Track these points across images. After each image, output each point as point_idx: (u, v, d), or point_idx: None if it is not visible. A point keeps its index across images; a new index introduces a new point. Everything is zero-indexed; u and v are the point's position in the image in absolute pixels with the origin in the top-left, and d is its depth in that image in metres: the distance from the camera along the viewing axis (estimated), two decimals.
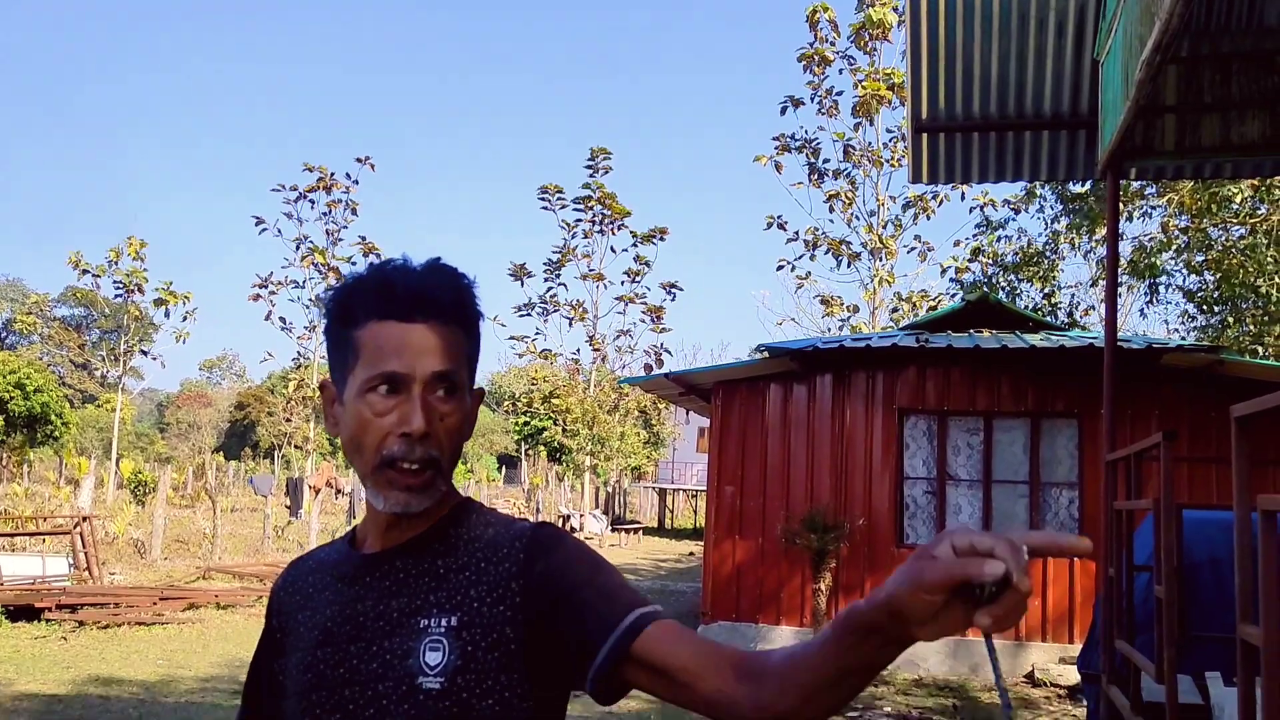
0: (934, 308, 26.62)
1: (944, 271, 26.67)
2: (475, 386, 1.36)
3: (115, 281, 36.90)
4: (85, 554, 13.75)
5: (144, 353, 41.67)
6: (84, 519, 14.27)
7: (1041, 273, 21.61)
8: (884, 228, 28.10)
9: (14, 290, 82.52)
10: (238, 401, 70.53)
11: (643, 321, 33.08)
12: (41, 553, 13.79)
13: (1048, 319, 18.57)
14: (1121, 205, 10.58)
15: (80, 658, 9.24)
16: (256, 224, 33.47)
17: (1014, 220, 24.05)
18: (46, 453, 41.86)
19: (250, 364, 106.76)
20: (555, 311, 32.98)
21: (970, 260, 24.26)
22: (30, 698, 7.64)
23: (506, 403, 47.90)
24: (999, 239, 22.91)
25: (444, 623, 1.22)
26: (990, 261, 22.84)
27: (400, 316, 1.25)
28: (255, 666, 1.44)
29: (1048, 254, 21.79)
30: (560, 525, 1.40)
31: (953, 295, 24.81)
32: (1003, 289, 21.74)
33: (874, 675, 1.04)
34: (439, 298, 1.27)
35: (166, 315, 36.87)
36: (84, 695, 7.80)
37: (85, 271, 36.76)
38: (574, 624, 1.19)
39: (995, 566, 0.84)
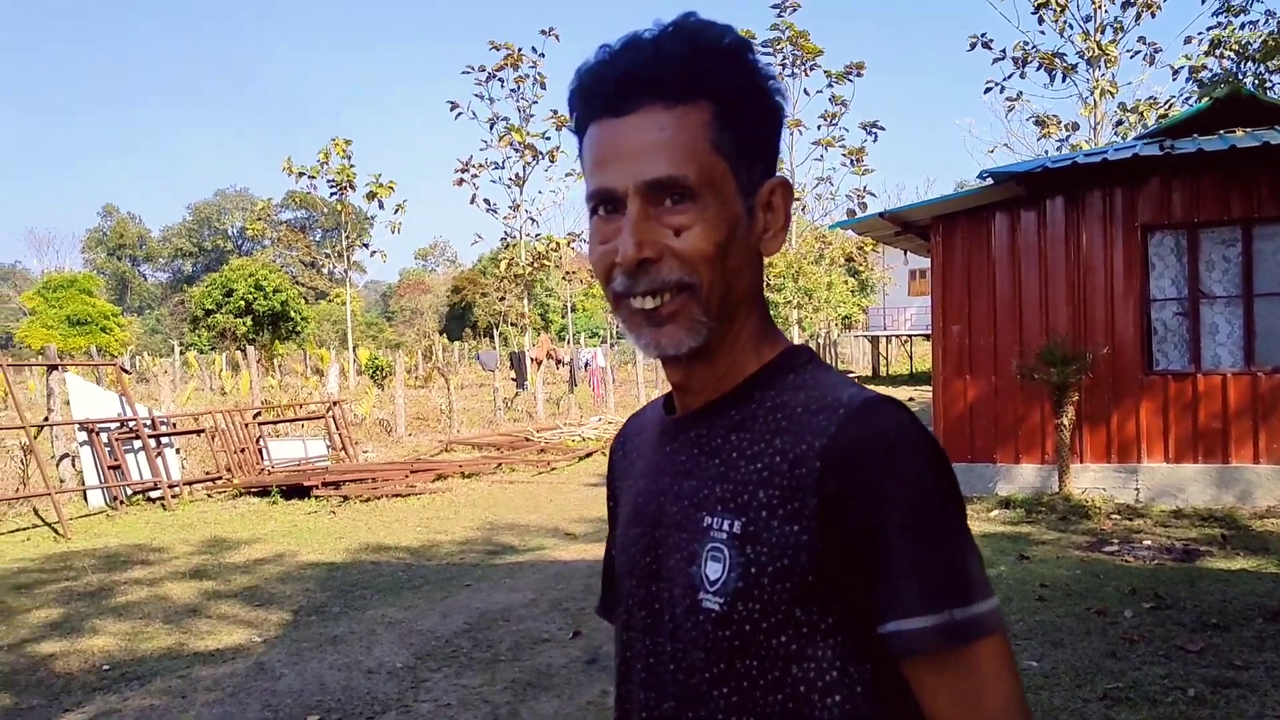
0: (1164, 115, 24.31)
1: (1175, 73, 24.26)
2: (766, 178, 1.02)
3: (328, 181, 38.75)
4: (340, 435, 14.85)
5: (364, 246, 43.94)
6: (335, 404, 15.37)
7: None
8: (1101, 33, 25.67)
9: (243, 200, 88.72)
10: (453, 285, 73.77)
11: (843, 165, 31.87)
12: (301, 437, 14.97)
13: None
14: None
15: (349, 529, 10.03)
16: (451, 109, 34.07)
17: (1260, 2, 21.38)
18: (291, 347, 45.36)
19: (461, 248, 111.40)
20: None
21: (1207, 55, 21.83)
22: (314, 565, 8.35)
23: None
24: (1242, 25, 20.43)
25: (726, 526, 0.96)
26: (1233, 54, 20.46)
27: (613, 109, 0.97)
28: (608, 541, 1.24)
29: None
30: (895, 412, 0.94)
31: (1186, 99, 22.53)
32: (1249, 84, 19.49)
33: None
34: (660, 72, 0.95)
35: (380, 206, 38.52)
36: (359, 562, 8.47)
37: (300, 175, 38.73)
38: (867, 574, 0.92)
39: None
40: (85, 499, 11.49)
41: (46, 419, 11.90)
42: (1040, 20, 25.20)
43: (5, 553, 9.22)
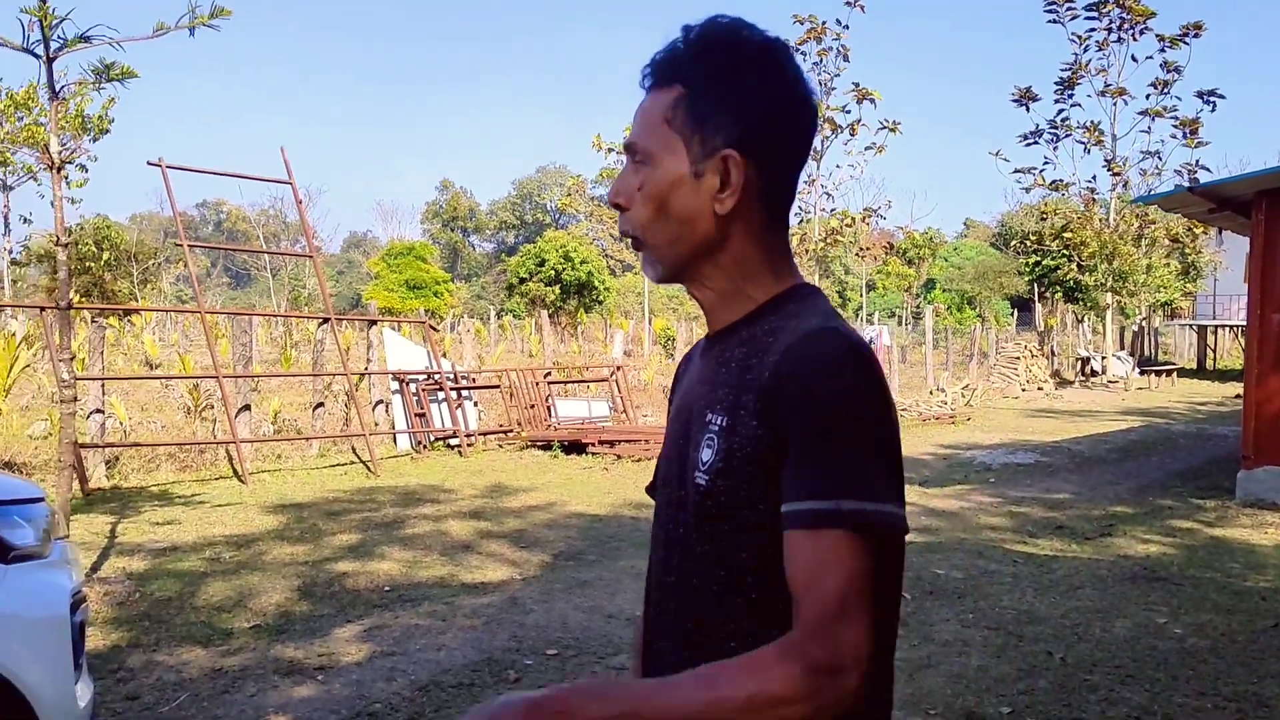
0: None
1: None
2: (720, 150, 1.21)
3: None
4: (620, 398, 15.54)
5: None
6: (617, 368, 16.09)
7: None
8: None
9: (561, 175, 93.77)
10: None
11: (1173, 138, 29.05)
12: (588, 398, 15.81)
13: None
14: None
15: (617, 485, 10.55)
16: None
17: None
18: (595, 317, 47.68)
19: None
20: (1067, 136, 30.07)
21: None
22: (578, 516, 8.89)
23: (1015, 242, 45.19)
24: None
25: (719, 421, 1.21)
26: None
27: (645, 87, 1.29)
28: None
29: None
30: (832, 338, 1.17)
31: None
32: None
33: None
34: (656, 62, 1.26)
35: None
36: (619, 515, 8.91)
37: (610, 150, 40.31)
38: (786, 465, 1.15)
39: None
40: (394, 442, 12.80)
41: (366, 369, 13.34)
42: None
43: (325, 483, 10.49)
